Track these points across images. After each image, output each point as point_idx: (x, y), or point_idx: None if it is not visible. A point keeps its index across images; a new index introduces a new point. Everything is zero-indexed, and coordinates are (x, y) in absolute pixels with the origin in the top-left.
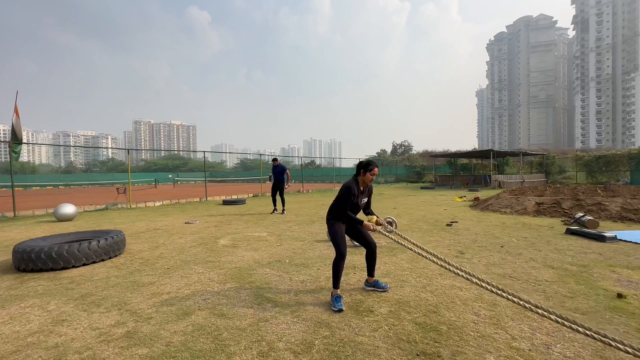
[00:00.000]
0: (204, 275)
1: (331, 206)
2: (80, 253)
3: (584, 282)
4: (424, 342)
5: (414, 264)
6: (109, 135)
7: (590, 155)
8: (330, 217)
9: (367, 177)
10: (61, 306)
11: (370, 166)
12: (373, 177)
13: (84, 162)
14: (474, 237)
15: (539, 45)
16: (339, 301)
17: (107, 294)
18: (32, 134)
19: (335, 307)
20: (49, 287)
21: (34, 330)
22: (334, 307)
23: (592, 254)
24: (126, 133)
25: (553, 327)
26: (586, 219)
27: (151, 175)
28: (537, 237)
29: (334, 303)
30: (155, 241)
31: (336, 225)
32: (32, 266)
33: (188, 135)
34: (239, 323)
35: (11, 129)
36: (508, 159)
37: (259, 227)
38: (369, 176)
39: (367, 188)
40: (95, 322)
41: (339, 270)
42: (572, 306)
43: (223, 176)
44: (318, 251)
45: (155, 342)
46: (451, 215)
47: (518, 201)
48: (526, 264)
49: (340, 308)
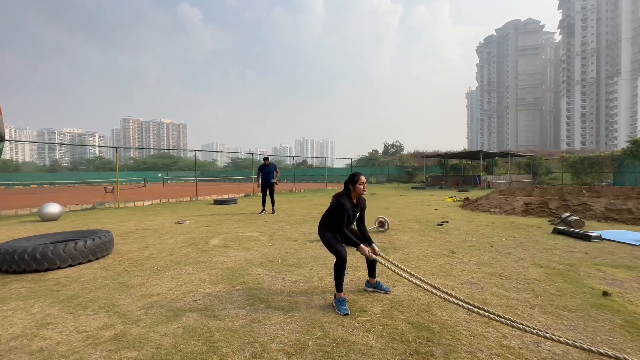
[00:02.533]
0: (194, 276)
1: (322, 220)
2: (66, 254)
3: (571, 280)
4: (417, 341)
5: (406, 264)
6: (97, 133)
7: (575, 156)
8: (322, 231)
9: (357, 189)
10: (46, 309)
11: (355, 177)
12: (363, 185)
13: (70, 160)
14: (465, 237)
15: (527, 49)
16: (344, 304)
17: (95, 295)
18: (15, 131)
19: (341, 312)
20: (33, 289)
21: (17, 334)
22: (339, 311)
23: (578, 253)
24: (114, 131)
25: (542, 325)
26: (572, 219)
27: (140, 174)
28: (525, 236)
29: (338, 307)
30: (145, 241)
31: (328, 235)
32: (15, 267)
33: (178, 134)
34: (231, 324)
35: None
36: (497, 159)
37: (250, 226)
38: (359, 187)
39: (360, 201)
40: (82, 324)
41: (341, 274)
42: (560, 304)
43: (214, 175)
44: (311, 251)
45: (144, 345)
46: (442, 215)
47: (507, 201)
48: (515, 263)
49: (346, 312)
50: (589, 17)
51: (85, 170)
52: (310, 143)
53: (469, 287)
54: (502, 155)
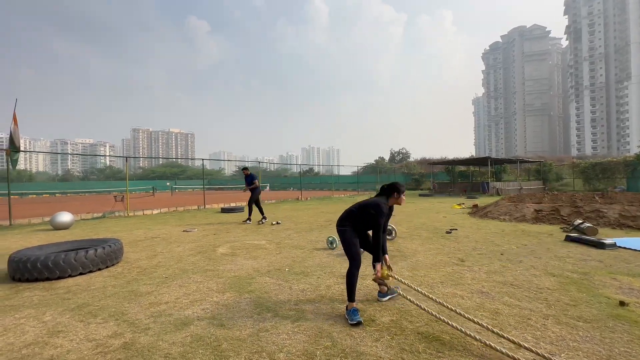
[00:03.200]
0: (202, 285)
1: (348, 215)
2: (77, 262)
3: (586, 289)
4: (427, 352)
5: (415, 272)
6: (107, 143)
7: (586, 162)
8: (345, 225)
9: (401, 200)
10: (57, 317)
11: (401, 188)
12: (403, 200)
13: (82, 169)
14: (474, 245)
15: (534, 55)
16: (357, 314)
17: (104, 304)
18: (30, 142)
19: (354, 320)
20: (45, 297)
21: (29, 342)
22: (352, 320)
23: (593, 261)
24: (124, 141)
25: (557, 336)
26: (585, 226)
27: (149, 183)
28: (536, 244)
29: (351, 317)
30: (153, 249)
31: (349, 233)
32: (27, 276)
33: (186, 143)
34: (239, 333)
35: (9, 136)
36: (505, 166)
37: (257, 235)
38: (403, 198)
39: (391, 209)
40: (92, 333)
41: (353, 281)
42: (574, 314)
43: (221, 184)
44: (318, 259)
45: (153, 354)
46: (450, 222)
47: (517, 208)
48: (527, 272)
49: (358, 321)
50: (595, 21)
51: (96, 179)
52: (316, 151)
53: (479, 297)
54: (511, 161)
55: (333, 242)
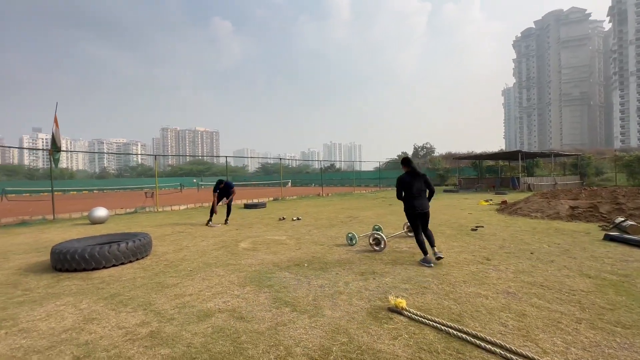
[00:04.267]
0: (224, 278)
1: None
2: (111, 254)
3: (625, 292)
4: (446, 352)
5: (436, 270)
6: (139, 142)
7: (631, 155)
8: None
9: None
10: (92, 305)
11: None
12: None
13: (116, 167)
14: (501, 243)
15: (571, 40)
16: (427, 262)
17: (134, 294)
18: (70, 142)
19: (426, 264)
20: (82, 287)
21: (67, 327)
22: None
23: (635, 262)
24: (154, 140)
25: (590, 342)
26: (627, 224)
27: (177, 179)
28: (571, 243)
29: (423, 264)
30: (180, 244)
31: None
32: (67, 266)
33: (211, 141)
34: (257, 326)
35: (51, 137)
36: (538, 160)
37: (278, 230)
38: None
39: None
40: (122, 321)
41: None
42: (611, 319)
43: (245, 180)
44: (337, 255)
45: (176, 343)
46: (476, 219)
47: (550, 205)
48: (559, 272)
49: (429, 265)
50: None
51: (129, 176)
52: (337, 147)
53: (505, 297)
54: (544, 155)
55: (353, 238)
